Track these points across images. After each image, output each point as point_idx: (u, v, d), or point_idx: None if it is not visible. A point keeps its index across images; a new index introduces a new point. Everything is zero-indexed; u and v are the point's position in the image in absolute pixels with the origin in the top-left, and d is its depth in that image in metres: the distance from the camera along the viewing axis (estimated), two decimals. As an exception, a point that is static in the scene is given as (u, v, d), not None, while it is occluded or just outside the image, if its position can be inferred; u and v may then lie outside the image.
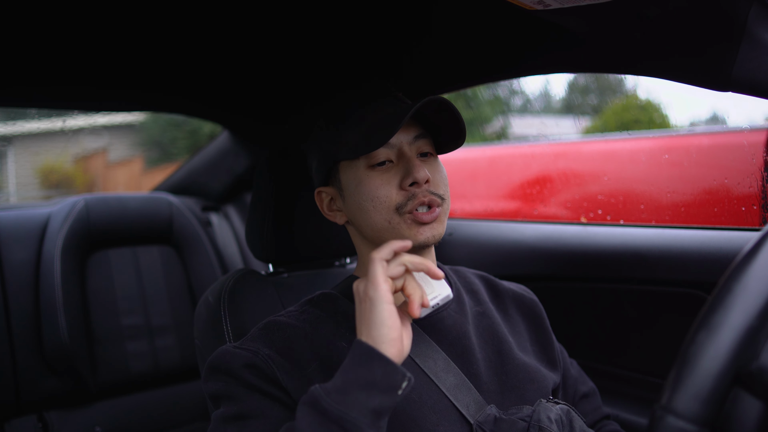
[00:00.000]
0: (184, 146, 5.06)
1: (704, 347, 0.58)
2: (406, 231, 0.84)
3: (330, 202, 0.93)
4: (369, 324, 0.69)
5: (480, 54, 1.26)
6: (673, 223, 1.49)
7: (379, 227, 0.85)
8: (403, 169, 0.84)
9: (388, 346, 0.68)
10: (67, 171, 6.05)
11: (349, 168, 0.87)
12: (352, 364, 0.68)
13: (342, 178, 0.89)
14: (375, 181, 0.84)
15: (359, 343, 0.69)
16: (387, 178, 0.84)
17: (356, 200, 0.86)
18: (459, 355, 0.88)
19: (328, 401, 0.66)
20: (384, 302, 0.69)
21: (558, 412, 0.84)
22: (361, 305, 0.72)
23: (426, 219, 0.83)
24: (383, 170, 0.85)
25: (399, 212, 0.83)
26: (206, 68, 1.43)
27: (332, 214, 0.94)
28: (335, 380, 0.68)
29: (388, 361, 0.67)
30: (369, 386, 0.66)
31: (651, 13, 0.90)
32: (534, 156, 2.16)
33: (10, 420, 1.66)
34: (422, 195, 0.83)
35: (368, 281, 0.71)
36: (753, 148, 1.43)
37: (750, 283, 0.60)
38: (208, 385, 0.84)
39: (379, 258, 0.71)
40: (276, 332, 0.84)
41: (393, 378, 0.66)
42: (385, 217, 0.84)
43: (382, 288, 0.69)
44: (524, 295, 1.06)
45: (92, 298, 1.85)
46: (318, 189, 0.94)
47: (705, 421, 0.56)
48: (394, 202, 0.83)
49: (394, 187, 0.84)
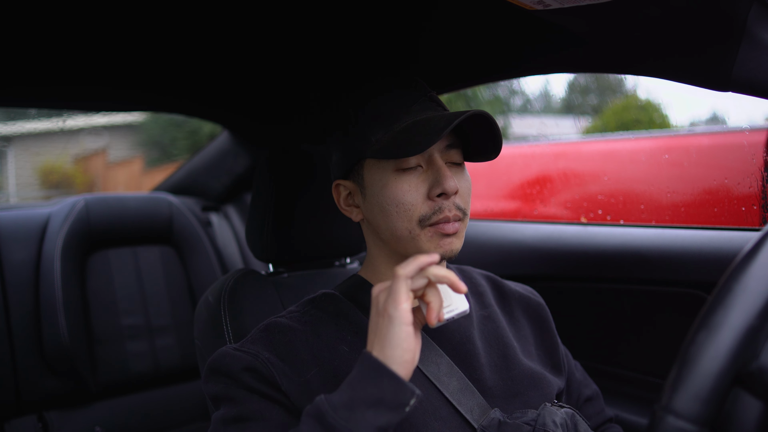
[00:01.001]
0: (184, 146, 5.07)
1: (704, 347, 0.58)
2: (425, 243, 0.81)
3: (347, 196, 0.90)
4: (383, 341, 0.67)
5: (480, 54, 1.26)
6: (673, 223, 1.49)
7: (399, 234, 0.83)
8: (433, 177, 0.81)
9: (400, 367, 0.66)
10: (67, 171, 6.05)
11: (376, 167, 0.84)
12: (360, 378, 0.67)
13: (366, 175, 0.85)
14: (402, 186, 0.81)
15: (369, 357, 0.67)
16: (415, 184, 0.81)
17: (379, 202, 0.83)
18: (462, 360, 0.88)
19: (334, 416, 0.64)
20: (403, 323, 0.66)
21: (563, 416, 0.83)
22: (378, 319, 0.69)
23: (449, 230, 0.81)
24: (413, 176, 0.82)
25: (421, 224, 0.81)
26: (206, 68, 1.43)
27: (348, 209, 0.91)
28: (342, 394, 0.67)
29: (398, 379, 0.65)
30: (377, 404, 0.65)
31: (651, 13, 0.90)
32: (534, 156, 2.17)
33: (10, 420, 1.66)
34: (448, 209, 0.80)
35: (389, 297, 0.68)
36: (753, 148, 1.43)
37: (750, 283, 0.60)
38: (208, 386, 0.83)
39: (404, 276, 0.67)
40: (277, 335, 0.84)
41: (402, 396, 0.65)
42: (406, 226, 0.81)
43: (402, 308, 0.66)
44: (530, 298, 1.04)
45: (92, 298, 1.85)
46: (337, 182, 0.91)
47: (705, 421, 0.56)
48: (418, 212, 0.81)
49: (421, 196, 0.81)
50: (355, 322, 0.88)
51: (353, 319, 0.88)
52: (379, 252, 0.91)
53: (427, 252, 0.81)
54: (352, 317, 0.88)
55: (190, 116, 2.04)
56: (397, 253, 0.87)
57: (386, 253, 0.89)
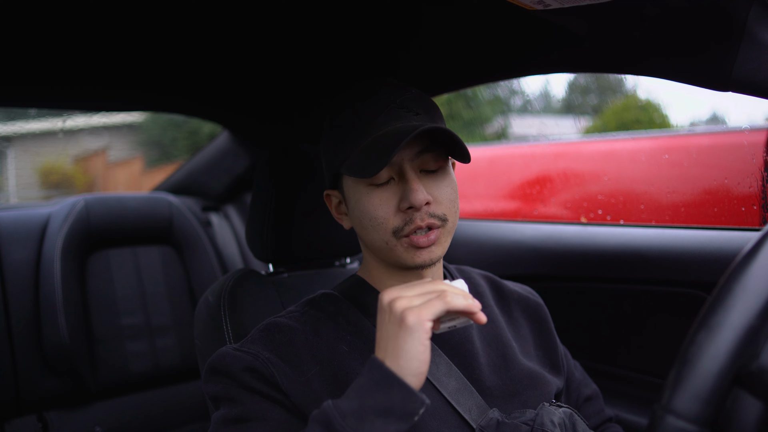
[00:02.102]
0: (184, 146, 5.06)
1: (704, 347, 0.58)
2: (402, 254, 0.82)
3: (338, 205, 0.92)
4: (398, 352, 0.66)
5: (480, 54, 1.26)
6: (673, 223, 1.49)
7: (377, 246, 0.84)
8: (401, 191, 0.80)
9: (414, 378, 0.66)
10: (67, 171, 6.05)
11: (351, 181, 0.85)
12: (369, 386, 0.66)
13: (345, 188, 0.87)
14: (374, 201, 0.81)
15: (379, 366, 0.66)
16: (386, 198, 0.81)
17: (356, 215, 0.85)
18: (461, 360, 0.88)
19: (342, 424, 0.64)
20: (423, 337, 0.65)
21: (561, 416, 0.83)
22: (393, 328, 0.67)
23: (422, 243, 0.80)
24: (383, 189, 0.81)
25: (396, 235, 0.81)
26: (206, 68, 1.43)
27: (340, 217, 0.92)
28: (351, 401, 0.66)
29: (408, 388, 0.65)
30: (386, 413, 0.64)
31: (651, 13, 0.90)
32: (534, 156, 2.16)
33: (10, 420, 1.66)
34: (419, 219, 0.79)
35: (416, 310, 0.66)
36: (753, 148, 1.43)
37: (750, 283, 0.60)
38: (208, 386, 0.83)
39: (448, 304, 0.66)
40: (277, 334, 0.84)
41: (411, 405, 0.64)
42: (382, 238, 0.82)
43: (427, 324, 0.66)
44: (529, 298, 1.05)
45: (92, 298, 1.85)
46: (327, 192, 0.93)
47: (705, 421, 0.56)
48: (391, 224, 0.81)
49: (392, 209, 0.81)
50: (355, 321, 0.88)
51: (352, 318, 0.88)
52: (371, 257, 0.91)
53: (405, 261, 0.82)
54: (352, 317, 0.88)
55: (190, 116, 2.04)
56: (384, 261, 0.88)
57: (376, 258, 0.90)
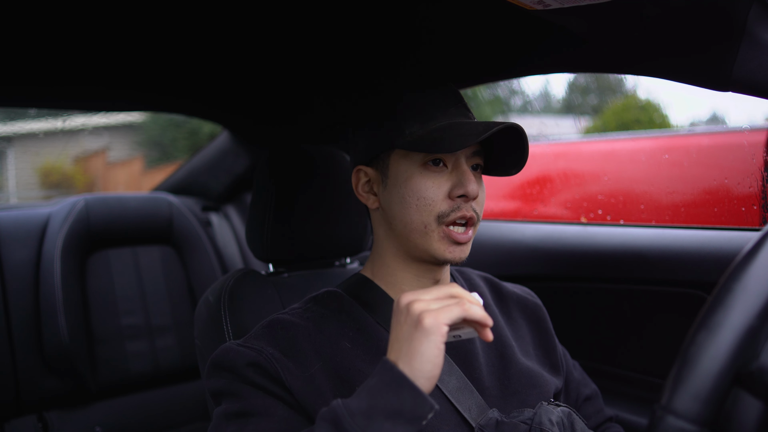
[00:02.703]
0: (184, 146, 5.07)
1: (704, 347, 0.58)
2: (436, 243, 0.83)
3: (366, 183, 0.91)
4: (413, 354, 0.66)
5: (480, 54, 1.26)
6: (673, 223, 1.49)
7: (413, 227, 0.84)
8: (456, 178, 0.83)
9: (426, 382, 0.66)
10: (67, 171, 6.05)
11: (404, 158, 0.85)
12: (380, 387, 0.66)
13: (392, 165, 0.87)
14: (427, 182, 0.83)
15: (391, 368, 0.66)
16: (439, 182, 0.83)
17: (401, 192, 0.85)
18: (462, 359, 0.88)
19: (351, 423, 0.64)
20: (439, 341, 0.66)
21: (559, 415, 0.83)
22: (410, 330, 0.67)
23: (461, 239, 0.83)
24: (438, 173, 0.84)
25: (438, 220, 0.83)
26: (207, 68, 1.43)
27: (365, 195, 0.92)
28: (360, 401, 0.66)
29: (419, 391, 0.64)
30: (395, 415, 0.64)
31: (651, 13, 0.90)
32: (534, 156, 2.16)
33: (10, 420, 1.66)
34: (466, 209, 0.83)
35: (435, 314, 0.66)
36: (753, 148, 1.43)
37: (750, 283, 0.60)
38: (210, 381, 0.83)
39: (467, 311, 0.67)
40: (280, 331, 0.84)
41: (421, 409, 0.64)
42: (423, 220, 0.83)
43: (444, 328, 0.66)
44: (528, 299, 1.06)
45: (92, 298, 1.85)
46: (358, 167, 0.92)
47: (705, 421, 0.56)
48: (438, 208, 0.83)
49: (443, 193, 0.83)
50: (358, 318, 0.88)
51: (356, 315, 0.88)
52: (389, 244, 0.91)
53: (436, 252, 0.84)
54: (355, 314, 0.89)
55: (190, 116, 2.04)
56: (405, 248, 0.88)
57: (395, 245, 0.90)
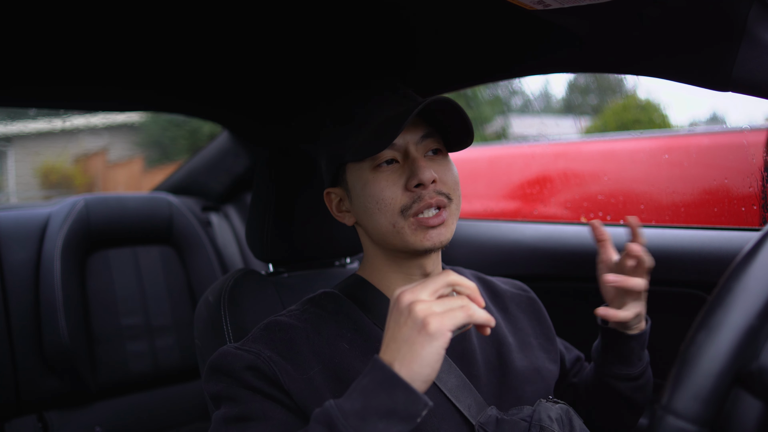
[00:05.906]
0: (184, 146, 5.07)
1: (704, 347, 0.58)
2: (410, 236, 0.82)
3: (339, 203, 0.92)
4: (414, 357, 0.64)
5: (480, 54, 1.26)
6: (673, 223, 1.49)
7: (384, 230, 0.84)
8: (409, 170, 0.82)
9: (423, 384, 0.65)
10: (67, 171, 6.05)
11: (356, 169, 0.86)
12: (372, 387, 0.65)
13: (349, 179, 0.88)
14: (380, 183, 0.82)
15: (382, 366, 0.65)
16: (393, 179, 0.83)
17: (362, 202, 0.85)
18: (460, 357, 0.89)
19: (345, 424, 0.63)
20: (442, 346, 0.64)
21: (558, 411, 0.84)
22: (414, 333, 0.65)
23: (433, 222, 0.81)
24: (389, 171, 0.83)
25: (404, 215, 0.81)
26: (207, 68, 1.43)
27: (341, 215, 0.93)
28: (354, 402, 0.65)
29: (411, 390, 0.64)
30: (389, 414, 0.63)
31: (651, 13, 0.90)
32: (534, 156, 2.17)
33: (10, 420, 1.66)
34: (428, 196, 0.81)
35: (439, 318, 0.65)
36: (753, 148, 1.43)
37: (750, 283, 0.60)
38: (209, 385, 0.83)
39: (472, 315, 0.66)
40: (278, 333, 0.84)
41: (415, 407, 0.64)
42: (389, 220, 0.82)
43: (449, 333, 0.64)
44: (521, 294, 1.07)
45: (92, 298, 1.85)
46: (327, 190, 0.93)
47: (705, 421, 0.56)
48: (399, 204, 0.82)
49: (400, 189, 0.82)
50: (355, 319, 0.88)
51: (353, 316, 0.89)
52: (375, 253, 0.91)
53: (413, 244, 0.82)
54: (352, 315, 0.89)
55: (190, 116, 2.04)
56: (388, 251, 0.88)
57: (380, 251, 0.90)
